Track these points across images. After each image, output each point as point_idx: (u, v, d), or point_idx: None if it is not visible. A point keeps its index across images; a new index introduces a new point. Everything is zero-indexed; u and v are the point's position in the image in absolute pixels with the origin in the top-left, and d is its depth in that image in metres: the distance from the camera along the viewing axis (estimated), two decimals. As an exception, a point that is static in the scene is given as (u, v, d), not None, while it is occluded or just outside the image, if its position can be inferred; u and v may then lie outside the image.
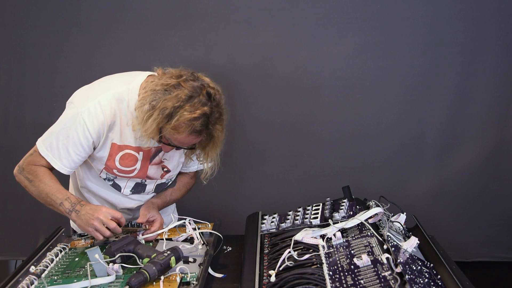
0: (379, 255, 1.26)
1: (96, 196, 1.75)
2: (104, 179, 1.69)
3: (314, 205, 1.68)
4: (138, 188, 1.73)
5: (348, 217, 1.54)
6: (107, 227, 1.54)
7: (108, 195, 1.74)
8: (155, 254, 1.38)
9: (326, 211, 1.61)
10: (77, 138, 1.55)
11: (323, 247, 1.39)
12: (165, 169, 1.73)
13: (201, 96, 1.47)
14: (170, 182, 1.81)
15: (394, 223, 1.51)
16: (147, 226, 1.64)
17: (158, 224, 1.65)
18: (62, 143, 1.56)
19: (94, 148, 1.60)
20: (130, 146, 1.62)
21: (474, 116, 2.25)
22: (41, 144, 1.59)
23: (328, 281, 1.21)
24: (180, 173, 1.84)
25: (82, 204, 1.56)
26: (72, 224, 1.88)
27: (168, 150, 1.61)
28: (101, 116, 1.54)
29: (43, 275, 1.40)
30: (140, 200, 1.77)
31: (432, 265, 1.28)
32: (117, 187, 1.71)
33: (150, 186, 1.75)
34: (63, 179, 1.68)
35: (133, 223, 1.63)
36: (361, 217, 1.46)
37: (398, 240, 1.36)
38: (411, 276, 1.14)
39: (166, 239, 1.61)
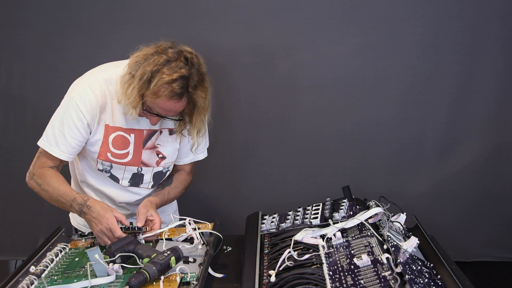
0: (379, 255, 1.26)
1: (96, 190, 1.75)
2: (101, 170, 1.70)
3: (314, 205, 1.68)
4: (136, 179, 1.74)
5: (348, 217, 1.54)
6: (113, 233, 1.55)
7: (107, 189, 1.74)
8: (155, 254, 1.38)
9: (326, 211, 1.61)
10: (72, 122, 1.58)
11: (323, 247, 1.39)
12: (160, 155, 1.74)
13: (178, 61, 1.50)
14: (168, 171, 1.81)
15: (394, 223, 1.50)
16: (147, 228, 1.64)
17: (157, 225, 1.64)
18: (58, 130, 1.59)
19: (90, 133, 1.62)
20: (121, 128, 1.65)
21: (474, 116, 2.24)
22: (40, 140, 1.62)
23: (328, 281, 1.21)
24: (176, 170, 1.84)
25: (88, 205, 1.57)
26: (73, 222, 1.89)
27: (155, 122, 1.62)
28: (92, 97, 1.58)
29: (43, 275, 1.40)
30: (139, 193, 1.78)
31: (432, 265, 1.28)
32: (115, 179, 1.72)
33: (148, 176, 1.75)
34: (65, 175, 1.68)
35: (133, 226, 1.63)
36: (361, 217, 1.46)
37: (398, 240, 1.36)
38: (411, 276, 1.14)
39: (166, 239, 1.61)
